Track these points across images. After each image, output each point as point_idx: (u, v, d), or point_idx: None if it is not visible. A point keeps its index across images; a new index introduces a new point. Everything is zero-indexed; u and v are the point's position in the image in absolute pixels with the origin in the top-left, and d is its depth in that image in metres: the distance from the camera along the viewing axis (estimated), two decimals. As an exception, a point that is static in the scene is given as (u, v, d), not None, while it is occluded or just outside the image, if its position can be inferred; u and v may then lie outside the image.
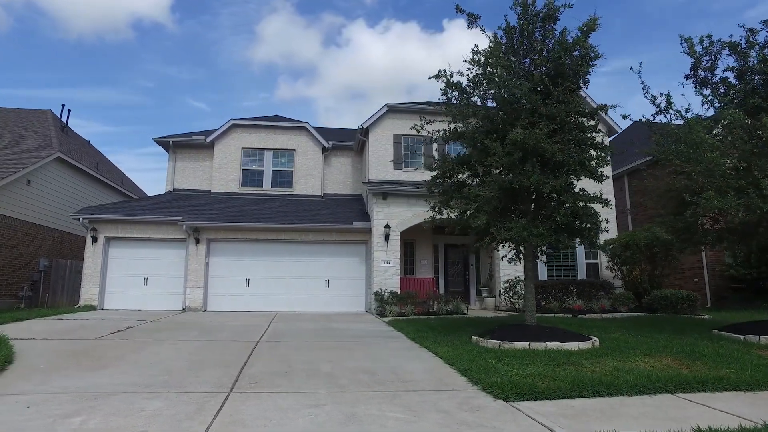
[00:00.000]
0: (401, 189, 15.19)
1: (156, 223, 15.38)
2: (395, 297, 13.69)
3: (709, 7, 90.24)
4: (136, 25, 70.95)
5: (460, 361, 6.53)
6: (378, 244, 14.61)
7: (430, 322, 11.07)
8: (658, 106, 9.68)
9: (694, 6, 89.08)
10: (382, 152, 17.14)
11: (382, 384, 5.51)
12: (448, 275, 17.20)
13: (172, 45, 75.18)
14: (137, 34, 71.80)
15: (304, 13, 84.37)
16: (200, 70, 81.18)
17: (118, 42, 70.90)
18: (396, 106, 17.40)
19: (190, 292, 15.04)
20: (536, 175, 7.55)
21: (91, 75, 72.08)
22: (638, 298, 13.77)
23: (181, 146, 18.87)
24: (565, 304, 13.51)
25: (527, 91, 7.68)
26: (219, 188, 18.46)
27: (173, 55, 76.10)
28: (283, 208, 16.98)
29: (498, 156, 7.70)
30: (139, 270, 15.39)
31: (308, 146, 19.13)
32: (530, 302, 8.48)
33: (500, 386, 5.10)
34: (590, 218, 7.94)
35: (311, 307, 15.26)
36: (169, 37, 74.37)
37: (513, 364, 6.24)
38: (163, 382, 5.40)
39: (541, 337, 7.63)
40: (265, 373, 6.00)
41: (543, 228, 7.72)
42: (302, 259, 15.76)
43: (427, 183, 9.41)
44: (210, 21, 77.40)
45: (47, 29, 64.97)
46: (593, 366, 6.18)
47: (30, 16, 63.92)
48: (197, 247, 15.27)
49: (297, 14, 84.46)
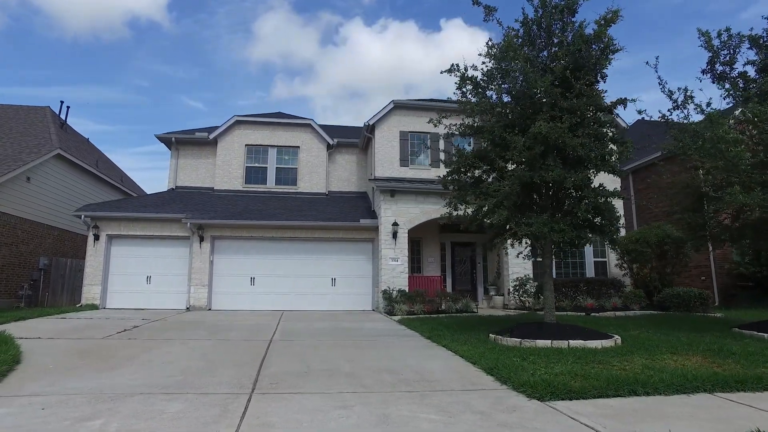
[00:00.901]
0: (409, 186, 14.99)
1: (159, 220, 15.13)
2: (404, 295, 13.49)
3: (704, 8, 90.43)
4: (132, 23, 70.53)
5: (484, 359, 6.34)
6: (386, 242, 14.41)
7: (442, 321, 10.89)
8: (675, 101, 9.53)
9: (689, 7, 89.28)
10: (389, 149, 16.93)
11: (407, 384, 5.31)
12: (455, 273, 17.01)
13: (169, 44, 74.78)
14: (133, 33, 71.39)
15: (301, 11, 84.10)
16: (196, 69, 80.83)
17: (114, 41, 70.48)
18: (402, 103, 17.20)
19: (194, 290, 14.80)
20: (558, 170, 7.37)
21: (86, 74, 71.63)
22: (649, 296, 13.62)
23: (184, 143, 18.61)
24: (576, 303, 13.34)
25: (548, 84, 7.49)
26: (222, 186, 18.21)
27: (169, 54, 75.70)
28: (287, 205, 16.76)
29: (518, 150, 7.52)
30: (142, 268, 15.13)
31: (312, 143, 18.90)
32: (549, 300, 8.30)
33: (533, 385, 4.91)
34: (610, 213, 7.76)
35: (317, 306, 15.05)
36: (166, 36, 73.98)
37: (539, 362, 6.06)
38: (180, 383, 5.19)
39: (563, 335, 7.45)
40: (285, 373, 5.79)
41: (563, 224, 7.54)
42: (308, 258, 15.54)
43: (442, 178, 9.22)
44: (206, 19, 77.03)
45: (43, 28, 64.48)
46: (622, 364, 6.00)
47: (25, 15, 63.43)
48: (201, 245, 15.03)
49: (294, 13, 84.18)
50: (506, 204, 7.60)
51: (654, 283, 13.76)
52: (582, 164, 7.91)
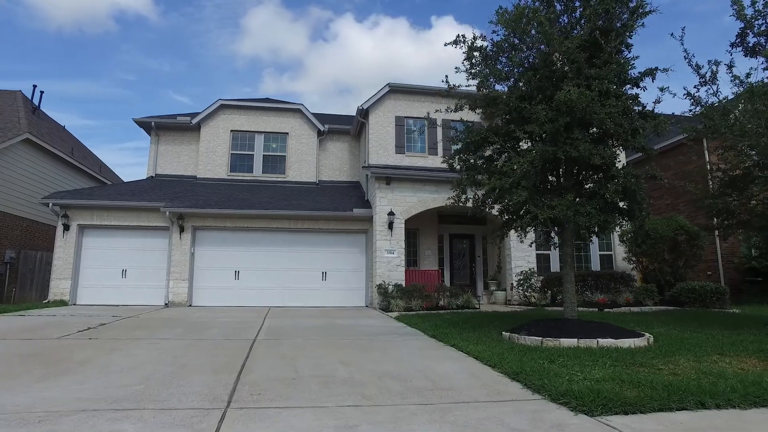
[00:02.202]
0: (406, 173, 14.01)
1: (136, 209, 13.97)
2: (401, 290, 12.53)
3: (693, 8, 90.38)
4: (118, 16, 68.32)
5: (505, 362, 5.40)
6: (381, 233, 13.42)
7: (445, 317, 9.95)
8: (702, 77, 8.68)
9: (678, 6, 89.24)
10: (383, 135, 15.94)
11: (419, 394, 4.34)
12: (453, 267, 16.09)
13: (155, 38, 72.69)
14: (119, 26, 69.15)
15: (291, 6, 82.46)
16: (183, 64, 78.86)
17: (98, 34, 68.27)
18: (398, 86, 16.20)
19: (173, 285, 13.68)
20: (585, 144, 6.44)
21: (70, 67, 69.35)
22: (660, 291, 12.81)
23: (165, 128, 17.42)
24: (585, 298, 12.48)
25: (575, 47, 6.55)
26: (205, 174, 17.07)
27: (156, 48, 73.61)
28: (275, 194, 15.69)
29: (540, 122, 6.58)
30: (117, 261, 13.97)
31: (302, 130, 17.82)
32: (570, 293, 7.39)
33: (577, 395, 3.98)
34: (641, 196, 6.86)
35: (307, 301, 14.04)
36: (152, 30, 71.87)
37: (572, 366, 5.14)
38: (139, 395, 4.16)
39: (589, 332, 6.55)
40: (269, 380, 4.79)
41: (590, 206, 6.62)
42: (297, 250, 14.50)
43: (447, 159, 8.24)
44: (194, 13, 75.05)
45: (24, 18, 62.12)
46: (668, 367, 5.10)
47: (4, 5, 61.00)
48: (182, 236, 13.91)
49: (284, 7, 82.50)
50: (525, 184, 6.66)
51: (666, 277, 12.96)
52: (608, 140, 7.00)
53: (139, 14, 68.81)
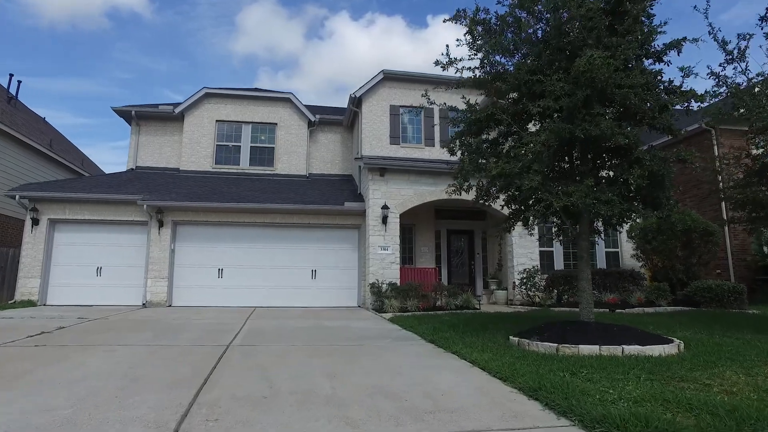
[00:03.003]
0: (402, 164, 13.15)
1: (112, 202, 13.03)
2: (395, 290, 11.68)
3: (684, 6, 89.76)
4: (112, 14, 66.83)
5: (518, 374, 4.55)
6: (374, 228, 12.56)
7: (443, 319, 9.10)
8: (729, 53, 7.86)
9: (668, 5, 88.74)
10: (377, 125, 15.06)
11: (417, 417, 3.48)
12: (451, 265, 15.24)
13: (150, 35, 71.25)
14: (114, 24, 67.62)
15: (287, 4, 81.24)
16: (178, 62, 77.50)
17: (92, 31, 66.73)
18: (393, 74, 15.33)
19: (151, 284, 12.75)
20: (608, 122, 5.60)
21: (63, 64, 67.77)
22: (672, 290, 12.02)
23: (146, 118, 16.45)
24: (593, 297, 11.62)
25: (597, 9, 5.71)
26: (189, 166, 16.13)
27: (151, 46, 72.14)
28: (262, 187, 14.78)
29: (555, 96, 5.73)
30: (91, 258, 13.02)
31: (292, 120, 16.91)
32: (587, 293, 6.55)
33: (618, 424, 3.13)
34: (670, 182, 6.03)
35: (296, 301, 13.15)
36: (147, 27, 70.44)
37: (599, 380, 4.30)
38: (64, 421, 3.28)
39: (611, 338, 5.71)
40: (234, 398, 3.91)
41: (612, 193, 5.78)
42: (285, 246, 13.60)
43: (448, 141, 7.37)
44: (189, 11, 73.64)
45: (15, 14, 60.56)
46: (715, 381, 4.28)
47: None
48: (161, 231, 12.98)
49: (279, 5, 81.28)
50: (537, 167, 5.81)
51: (678, 275, 12.18)
52: (631, 119, 6.17)
53: (134, 11, 67.42)
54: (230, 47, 79.26)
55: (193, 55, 77.67)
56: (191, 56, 77.78)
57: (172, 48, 74.32)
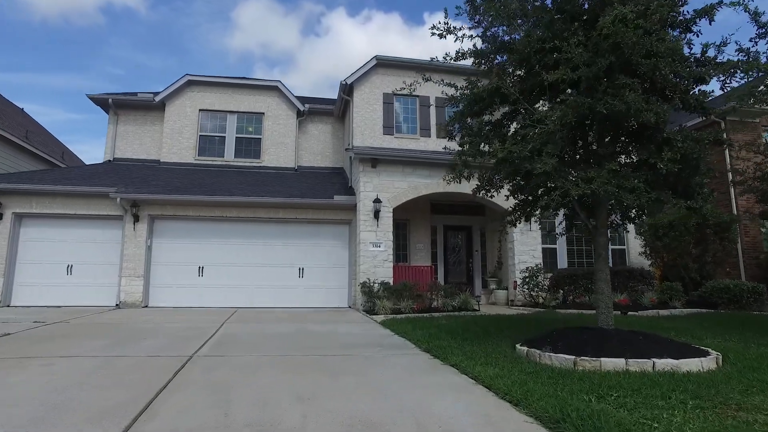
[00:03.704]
0: (395, 154, 12.29)
1: (84, 195, 12.08)
2: (388, 290, 10.83)
3: None
4: (106, 9, 65.33)
5: (533, 397, 3.71)
6: (365, 223, 11.68)
7: (440, 323, 8.25)
8: (763, 26, 7.01)
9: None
10: (370, 114, 14.17)
11: (409, 467, 2.62)
12: (448, 263, 14.40)
13: (145, 31, 69.82)
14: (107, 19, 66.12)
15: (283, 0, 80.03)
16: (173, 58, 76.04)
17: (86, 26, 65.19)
18: (387, 60, 14.42)
19: (125, 283, 11.83)
20: (635, 95, 4.74)
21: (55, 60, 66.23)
22: (684, 290, 11.22)
23: (124, 106, 15.48)
24: (599, 298, 10.82)
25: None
26: (170, 158, 15.18)
27: (145, 42, 70.65)
28: (248, 180, 13.88)
29: (573, 66, 4.87)
30: (62, 256, 12.07)
31: (280, 109, 15.98)
32: (605, 295, 5.71)
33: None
34: (705, 167, 5.20)
35: (281, 301, 12.28)
36: (142, 23, 68.99)
37: (636, 406, 3.46)
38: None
39: (636, 349, 4.87)
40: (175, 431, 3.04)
41: (638, 180, 4.93)
42: (271, 243, 12.71)
43: (446, 123, 6.50)
44: (184, 7, 72.23)
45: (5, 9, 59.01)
46: (779, 410, 3.43)
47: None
48: (136, 227, 12.05)
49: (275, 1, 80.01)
50: (551, 149, 4.95)
51: (690, 274, 11.38)
52: (659, 94, 5.32)
53: (128, 7, 65.91)
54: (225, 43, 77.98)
55: (187, 52, 76.30)
56: (186, 52, 76.41)
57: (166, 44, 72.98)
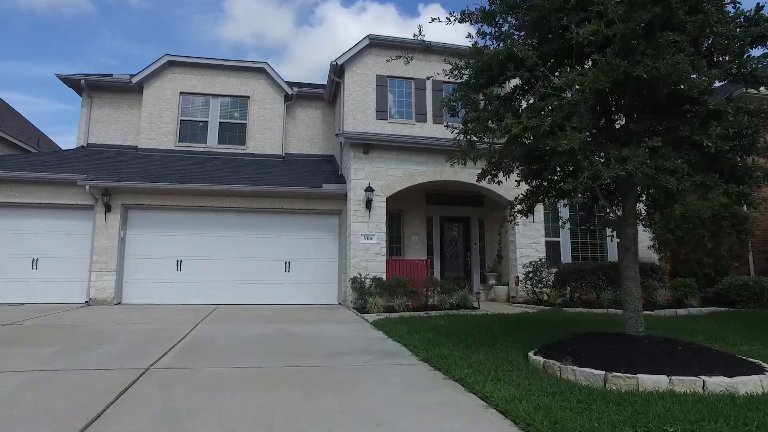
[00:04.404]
0: (389, 139, 11.43)
1: (51, 183, 11.10)
2: (381, 285, 10.00)
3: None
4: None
5: (563, 429, 2.88)
6: (356, 214, 10.81)
7: (439, 324, 7.43)
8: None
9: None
10: (362, 97, 13.25)
11: None
12: (445, 257, 13.59)
13: (136, 22, 67.89)
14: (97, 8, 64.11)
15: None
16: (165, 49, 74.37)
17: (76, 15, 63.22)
18: (380, 40, 13.48)
19: (96, 278, 10.90)
20: (680, 57, 3.90)
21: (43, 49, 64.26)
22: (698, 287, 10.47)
23: (99, 88, 14.42)
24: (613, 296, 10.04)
25: None
26: (149, 144, 14.18)
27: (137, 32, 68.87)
28: (232, 167, 12.94)
29: (608, 20, 4.01)
30: (26, 248, 11.10)
31: (267, 93, 15.00)
32: (634, 296, 4.89)
33: None
34: (761, 145, 4.37)
35: (266, 298, 11.42)
36: (134, 13, 67.09)
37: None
38: None
39: (677, 361, 4.07)
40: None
41: (682, 160, 4.11)
42: (255, 235, 11.82)
43: (448, 96, 5.62)
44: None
45: None
46: None
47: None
48: (108, 217, 11.11)
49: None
50: (576, 122, 4.11)
51: (705, 270, 10.64)
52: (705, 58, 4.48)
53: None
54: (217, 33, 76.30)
55: (179, 42, 74.52)
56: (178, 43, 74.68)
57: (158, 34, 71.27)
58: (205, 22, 73.99)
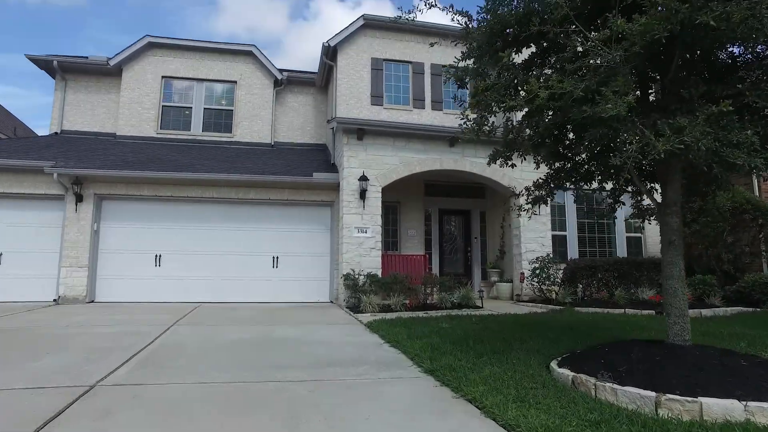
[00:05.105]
0: (385, 124, 10.59)
1: (15, 170, 10.18)
2: (376, 282, 9.20)
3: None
4: None
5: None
6: (350, 205, 9.98)
7: (441, 327, 6.62)
8: None
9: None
10: (356, 81, 12.40)
11: None
12: (444, 251, 12.79)
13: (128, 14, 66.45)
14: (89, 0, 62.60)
15: (270, -19, 76.84)
16: (155, 40, 72.61)
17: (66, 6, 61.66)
18: (376, 20, 12.61)
19: (66, 274, 10.02)
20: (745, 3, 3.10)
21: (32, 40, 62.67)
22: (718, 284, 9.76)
23: (73, 71, 13.45)
24: (631, 294, 9.28)
25: None
26: (128, 131, 13.24)
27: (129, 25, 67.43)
28: (217, 156, 12.05)
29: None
30: (-11, 242, 10.20)
31: (254, 77, 14.09)
32: (679, 298, 4.10)
33: None
34: None
35: (252, 295, 10.60)
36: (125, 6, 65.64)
37: None
38: None
39: (743, 380, 3.29)
40: None
41: (751, 132, 3.31)
42: (241, 228, 10.97)
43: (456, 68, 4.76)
44: (168, -11, 68.92)
45: None
46: None
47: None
48: (79, 208, 10.21)
49: (263, -18, 76.81)
50: (620, 85, 3.29)
51: (723, 267, 9.92)
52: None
53: (110, -13, 62.54)
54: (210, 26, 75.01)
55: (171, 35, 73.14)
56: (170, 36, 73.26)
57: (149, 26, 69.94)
58: (197, 13, 72.63)
